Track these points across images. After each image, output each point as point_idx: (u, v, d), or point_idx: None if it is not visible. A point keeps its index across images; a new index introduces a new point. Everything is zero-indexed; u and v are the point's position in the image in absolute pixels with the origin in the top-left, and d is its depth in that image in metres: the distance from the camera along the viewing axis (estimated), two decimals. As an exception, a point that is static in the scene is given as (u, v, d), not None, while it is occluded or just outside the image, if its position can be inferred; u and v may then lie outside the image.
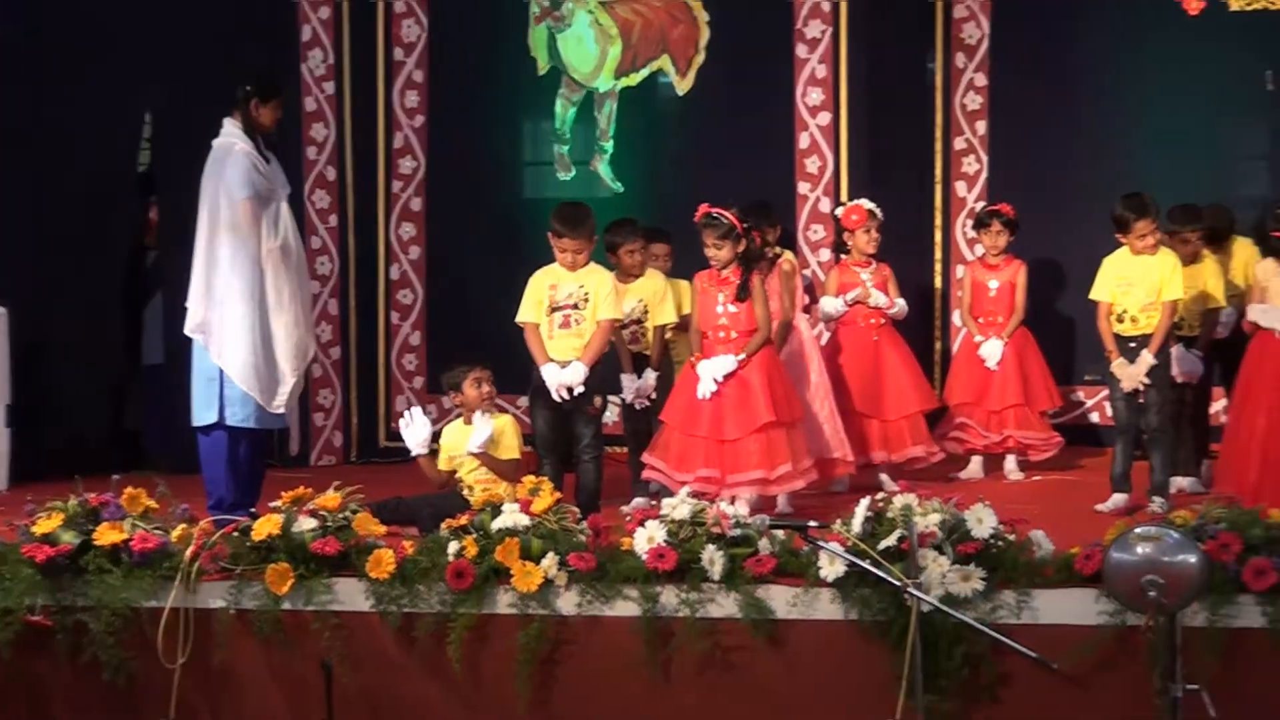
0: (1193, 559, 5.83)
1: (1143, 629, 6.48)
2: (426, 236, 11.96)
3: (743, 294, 8.97)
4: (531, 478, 7.84)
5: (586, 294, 8.88)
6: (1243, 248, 9.50)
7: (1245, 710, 6.67)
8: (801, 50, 11.42)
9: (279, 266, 8.95)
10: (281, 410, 9.00)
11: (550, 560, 7.32)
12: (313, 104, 11.75)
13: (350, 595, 7.47)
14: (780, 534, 7.36)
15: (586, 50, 11.86)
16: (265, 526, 7.51)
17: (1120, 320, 9.15)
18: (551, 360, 8.82)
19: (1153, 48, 11.21)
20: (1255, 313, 8.19)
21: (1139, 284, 9.10)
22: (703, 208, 9.03)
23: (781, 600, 7.23)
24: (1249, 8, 11.09)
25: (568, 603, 7.34)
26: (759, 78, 11.51)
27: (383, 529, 7.76)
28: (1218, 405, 9.86)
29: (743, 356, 8.88)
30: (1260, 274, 8.36)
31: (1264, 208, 8.56)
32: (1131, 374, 9.07)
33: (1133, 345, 9.10)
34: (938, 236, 11.63)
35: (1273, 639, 6.81)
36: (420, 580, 7.41)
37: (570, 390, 8.77)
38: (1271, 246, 8.25)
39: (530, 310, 8.94)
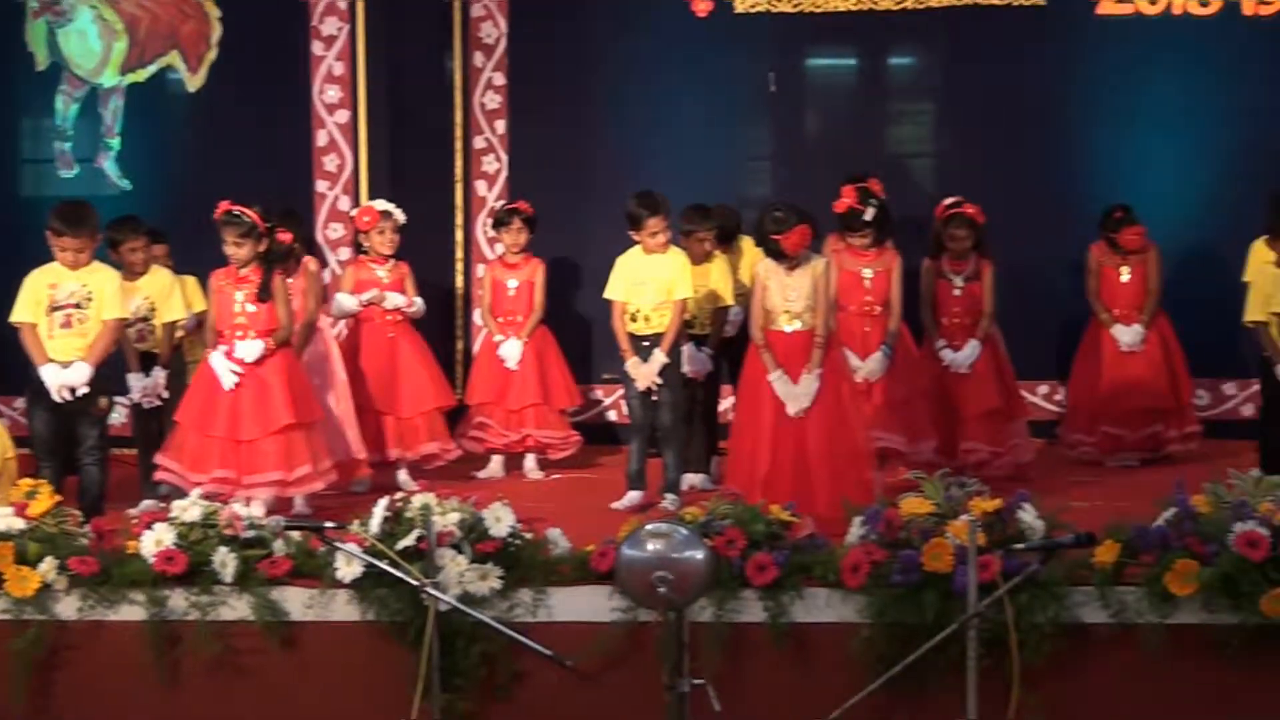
0: (700, 555, 5.88)
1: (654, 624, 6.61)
2: (-90, 236, 11.40)
3: (264, 294, 8.83)
4: (29, 480, 7.54)
5: (89, 293, 8.59)
6: (750, 247, 9.74)
7: (748, 703, 6.84)
8: (318, 48, 11.28)
9: None
10: None
11: (49, 564, 7.09)
12: None
13: None
14: (296, 535, 7.28)
15: (90, 45, 11.50)
16: None
17: (634, 319, 9.26)
18: (52, 360, 8.49)
19: (665, 48, 11.41)
20: (776, 383, 8.42)
21: (651, 283, 9.23)
22: (223, 205, 8.85)
23: (297, 602, 7.15)
24: (753, 10, 11.41)
25: (68, 608, 7.14)
26: (274, 75, 11.33)
27: None
28: (727, 402, 10.10)
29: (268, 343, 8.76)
30: (761, 272, 8.58)
31: (763, 208, 8.81)
32: (645, 373, 9.19)
33: (646, 344, 9.21)
34: (459, 235, 11.63)
35: (773, 633, 6.99)
36: (-100, 588, 7.09)
37: (73, 391, 8.47)
38: (769, 247, 8.48)
39: (26, 310, 8.60)
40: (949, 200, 10.04)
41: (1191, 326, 10.61)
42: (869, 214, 9.43)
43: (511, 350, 10.33)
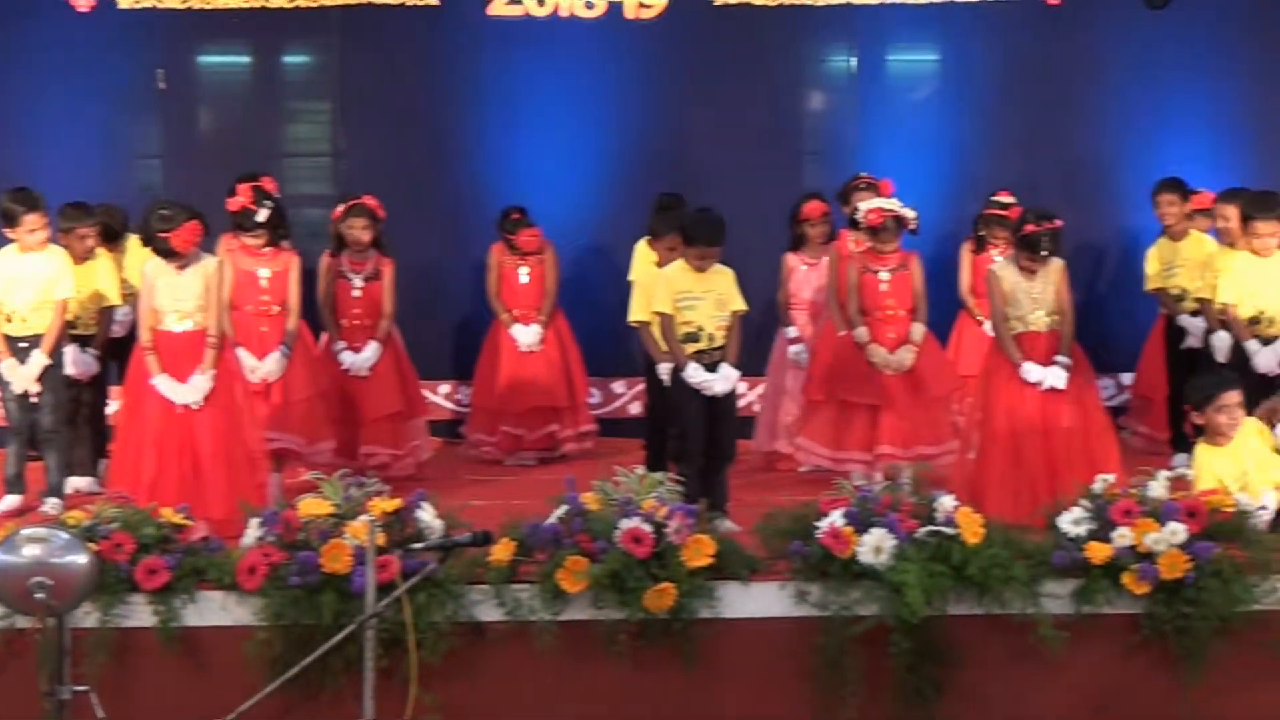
0: (82, 559, 5.81)
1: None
2: None
3: None
4: None
5: None
6: (137, 246, 9.47)
7: (135, 708, 6.72)
8: None
9: None
10: None
11: None
12: None
13: None
14: None
15: None
16: None
17: (9, 320, 8.96)
18: None
19: (43, 43, 11.08)
20: (161, 385, 8.20)
21: (28, 282, 8.95)
22: None
23: None
24: (137, 6, 11.18)
25: None
26: None
27: None
28: (116, 404, 9.77)
29: None
30: (149, 271, 8.38)
31: (148, 208, 8.56)
32: (24, 375, 8.93)
33: (24, 345, 8.93)
34: None
35: (162, 637, 6.89)
36: None
37: None
38: (158, 245, 8.28)
39: None
40: (343, 206, 9.94)
41: (585, 326, 10.86)
42: (263, 213, 9.29)
43: None
